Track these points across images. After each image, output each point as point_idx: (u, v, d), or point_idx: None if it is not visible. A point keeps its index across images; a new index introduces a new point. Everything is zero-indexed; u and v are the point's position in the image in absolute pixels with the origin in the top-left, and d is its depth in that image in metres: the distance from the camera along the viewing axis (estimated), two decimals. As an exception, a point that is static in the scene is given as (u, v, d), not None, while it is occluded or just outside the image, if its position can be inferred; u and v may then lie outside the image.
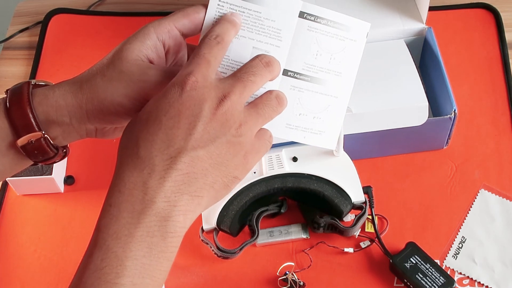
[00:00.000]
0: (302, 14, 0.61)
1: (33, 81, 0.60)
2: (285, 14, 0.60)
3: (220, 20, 0.58)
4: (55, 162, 0.62)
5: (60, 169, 0.94)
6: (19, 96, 0.57)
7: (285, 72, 0.61)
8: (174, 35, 0.58)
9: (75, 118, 0.58)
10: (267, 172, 0.84)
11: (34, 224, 0.92)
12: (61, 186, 0.94)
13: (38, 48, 1.11)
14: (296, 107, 0.62)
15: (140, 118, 0.53)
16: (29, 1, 1.20)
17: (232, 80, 0.54)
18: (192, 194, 0.51)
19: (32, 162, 0.61)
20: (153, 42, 0.57)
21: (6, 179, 0.91)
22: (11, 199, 0.94)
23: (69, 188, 0.95)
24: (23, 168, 0.62)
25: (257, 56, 0.56)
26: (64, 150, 0.61)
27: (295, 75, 0.61)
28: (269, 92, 0.57)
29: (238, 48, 0.60)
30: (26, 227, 0.92)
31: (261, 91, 0.58)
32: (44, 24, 1.14)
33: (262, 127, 0.56)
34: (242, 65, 0.57)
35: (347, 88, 0.63)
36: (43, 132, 0.57)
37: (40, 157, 0.59)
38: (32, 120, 0.57)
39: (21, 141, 0.58)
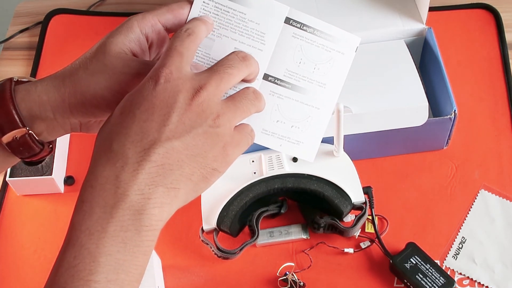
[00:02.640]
0: (288, 20, 0.60)
1: (15, 78, 0.59)
2: (270, 18, 0.60)
3: (191, 19, 0.58)
4: (42, 158, 0.61)
5: (60, 169, 0.94)
6: (2, 94, 0.57)
7: (266, 77, 0.60)
8: (157, 29, 0.58)
9: (59, 113, 0.57)
10: (267, 173, 0.84)
11: (34, 224, 0.92)
12: (61, 187, 0.94)
13: (38, 49, 1.11)
14: (274, 114, 0.60)
15: (114, 114, 0.52)
16: (29, 2, 1.20)
17: (208, 73, 0.53)
18: (168, 186, 0.50)
19: (19, 159, 0.61)
20: (136, 36, 0.57)
21: (6, 179, 0.91)
22: (11, 199, 0.94)
23: (69, 189, 0.95)
24: (11, 165, 0.62)
25: (233, 52, 0.56)
26: (50, 146, 0.61)
27: (276, 80, 0.60)
28: (247, 87, 0.56)
29: (219, 47, 0.59)
30: (26, 227, 0.92)
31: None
32: (44, 24, 1.14)
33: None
34: None
35: (330, 101, 0.61)
36: (27, 128, 0.57)
37: (26, 153, 0.59)
38: (16, 116, 0.56)
39: (6, 138, 0.57)
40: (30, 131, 0.57)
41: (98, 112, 0.58)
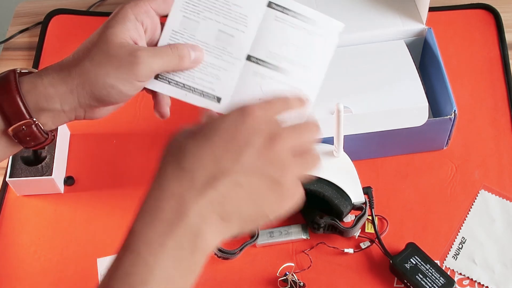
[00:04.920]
0: (270, 4, 0.63)
1: (18, 69, 0.61)
2: (253, 1, 0.63)
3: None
4: (44, 146, 0.64)
5: (60, 169, 0.94)
6: (7, 85, 0.59)
7: (249, 58, 0.63)
8: (151, 15, 0.61)
9: (67, 104, 0.60)
10: (267, 173, 0.84)
11: (34, 224, 0.92)
12: (61, 187, 0.94)
13: (38, 49, 1.11)
14: (257, 93, 0.63)
15: (192, 131, 0.54)
16: (29, 2, 1.20)
17: (291, 128, 0.55)
18: (224, 217, 0.51)
19: (22, 147, 0.63)
20: (133, 24, 0.60)
21: (7, 179, 0.91)
22: (11, 199, 0.94)
23: (69, 189, 0.95)
24: (14, 152, 0.65)
25: (314, 121, 0.57)
26: (53, 134, 0.63)
27: (259, 61, 0.63)
28: (313, 148, 0.57)
29: (204, 30, 0.63)
30: (26, 227, 0.92)
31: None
32: (44, 24, 1.14)
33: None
34: (206, 45, 0.62)
35: (314, 83, 0.63)
36: (34, 119, 0.60)
37: (32, 142, 0.61)
38: (23, 108, 0.59)
39: (13, 128, 0.60)
40: (37, 122, 0.60)
41: (107, 100, 0.61)
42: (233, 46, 0.64)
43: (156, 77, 0.63)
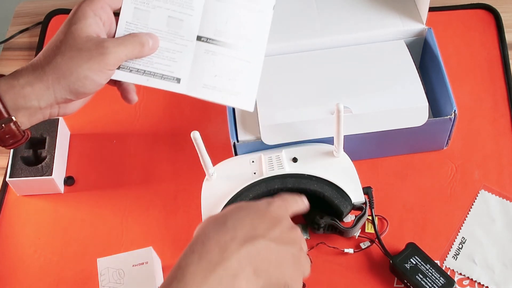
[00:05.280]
0: None
1: None
2: None
3: None
4: (19, 145, 0.68)
5: (60, 169, 0.94)
6: None
7: (199, 38, 0.69)
8: (106, 10, 0.67)
9: (43, 100, 0.64)
10: (267, 173, 0.84)
11: (34, 225, 0.92)
12: (61, 187, 0.94)
13: (38, 49, 1.11)
14: (212, 69, 0.69)
15: (233, 207, 0.65)
16: (29, 2, 1.20)
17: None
18: (256, 271, 0.60)
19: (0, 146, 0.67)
20: (93, 19, 0.65)
21: (7, 179, 0.91)
22: (11, 199, 0.94)
23: (69, 189, 0.95)
24: None
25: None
26: (28, 132, 0.67)
27: (208, 40, 0.69)
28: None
29: (155, 18, 0.69)
30: (26, 228, 0.92)
31: None
32: (44, 24, 1.14)
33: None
34: (159, 32, 0.68)
35: (258, 54, 0.71)
36: (13, 117, 0.64)
37: (10, 140, 0.66)
38: (1, 107, 0.63)
39: None
40: (15, 120, 0.64)
41: (82, 92, 0.65)
42: (183, 29, 0.69)
43: (118, 67, 0.68)
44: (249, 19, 0.70)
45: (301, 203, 0.70)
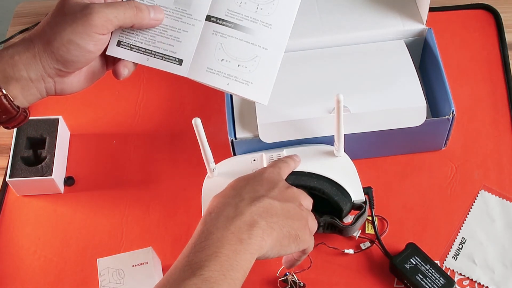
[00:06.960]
0: None
1: None
2: None
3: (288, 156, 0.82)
4: (19, 125, 0.66)
5: (60, 170, 0.94)
6: None
7: (208, 18, 0.64)
8: None
9: (32, 70, 0.63)
10: (267, 173, 0.84)
11: (34, 225, 0.92)
12: (61, 187, 0.94)
13: (38, 49, 1.11)
14: (218, 52, 0.64)
15: (231, 182, 0.71)
16: (29, 2, 1.20)
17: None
18: (269, 222, 0.65)
19: None
20: None
21: (7, 180, 0.91)
22: (11, 200, 0.94)
23: (69, 189, 0.95)
24: None
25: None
26: (25, 110, 0.65)
27: (218, 20, 0.64)
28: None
29: None
30: (26, 228, 0.92)
31: None
32: (44, 24, 1.14)
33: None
34: (165, 9, 0.65)
35: (279, 42, 0.64)
36: (3, 90, 0.62)
37: (3, 116, 0.63)
38: None
39: None
40: (6, 93, 0.62)
41: (69, 59, 0.63)
42: (192, 8, 0.64)
43: (119, 44, 0.65)
44: (269, 1, 0.64)
45: (291, 163, 0.78)
